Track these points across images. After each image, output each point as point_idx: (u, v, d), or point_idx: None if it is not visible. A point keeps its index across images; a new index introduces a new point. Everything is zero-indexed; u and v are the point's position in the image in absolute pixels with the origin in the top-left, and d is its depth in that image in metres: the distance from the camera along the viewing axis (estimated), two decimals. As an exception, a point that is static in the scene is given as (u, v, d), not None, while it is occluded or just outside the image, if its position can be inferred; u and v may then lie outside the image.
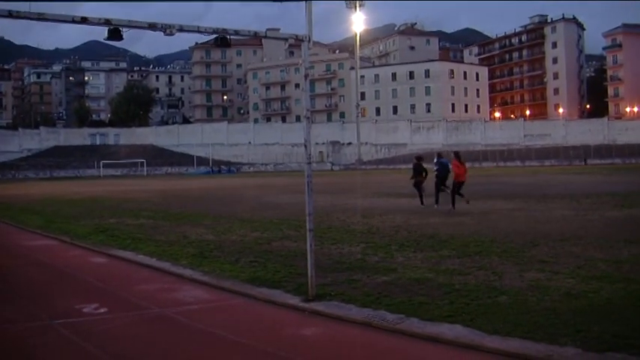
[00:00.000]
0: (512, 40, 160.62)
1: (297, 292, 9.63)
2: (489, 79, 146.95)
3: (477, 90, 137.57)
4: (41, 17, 7.92)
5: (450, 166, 23.73)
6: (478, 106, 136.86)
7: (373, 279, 10.39)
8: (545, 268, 10.74)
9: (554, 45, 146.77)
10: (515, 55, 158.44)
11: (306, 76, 9.59)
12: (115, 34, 8.31)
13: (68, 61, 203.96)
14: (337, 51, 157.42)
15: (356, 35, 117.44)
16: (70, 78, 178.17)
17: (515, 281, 9.77)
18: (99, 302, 9.49)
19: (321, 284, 9.73)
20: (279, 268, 11.72)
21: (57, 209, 29.00)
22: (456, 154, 23.80)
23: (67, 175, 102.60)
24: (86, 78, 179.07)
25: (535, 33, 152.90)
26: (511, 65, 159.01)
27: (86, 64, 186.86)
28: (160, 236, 17.12)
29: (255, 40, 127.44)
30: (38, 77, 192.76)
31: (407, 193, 33.37)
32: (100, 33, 8.41)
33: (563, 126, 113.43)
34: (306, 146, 9.52)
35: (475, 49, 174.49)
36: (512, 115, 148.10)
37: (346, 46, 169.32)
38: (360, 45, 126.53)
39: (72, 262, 13.91)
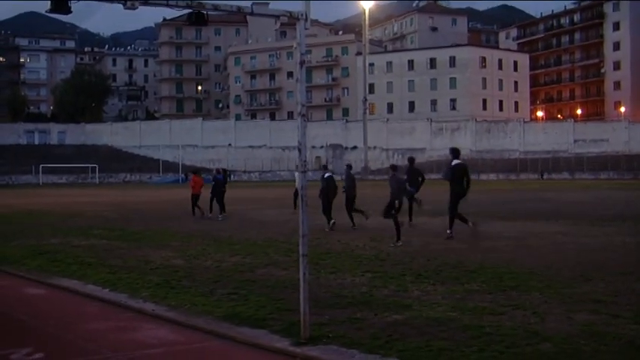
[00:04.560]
0: (562, 21, 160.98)
1: (287, 332, 9.63)
2: (531, 70, 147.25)
3: (515, 83, 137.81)
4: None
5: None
6: (516, 103, 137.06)
7: (382, 318, 10.40)
8: (601, 309, 10.73)
9: (616, 26, 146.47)
10: (565, 39, 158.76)
11: (301, 62, 9.60)
12: (62, 5, 8.30)
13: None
14: (340, 32, 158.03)
15: (364, 12, 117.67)
16: (1, 59, 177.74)
17: (562, 325, 9.77)
18: (33, 346, 9.42)
19: (316, 323, 9.74)
20: (265, 302, 11.71)
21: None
22: (195, 171, 34.58)
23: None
24: (22, 59, 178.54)
25: (591, 11, 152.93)
26: (559, 52, 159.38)
27: (22, 42, 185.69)
28: (116, 261, 17.12)
29: (239, 16, 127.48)
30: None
31: (426, 211, 33.42)
32: (42, 3, 8.41)
33: (626, 129, 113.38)
34: (300, 150, 9.53)
35: (514, 32, 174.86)
36: (559, 115, 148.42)
37: (351, 27, 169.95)
38: (370, 25, 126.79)
39: (-1, 293, 13.88)
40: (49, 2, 8.24)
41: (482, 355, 8.36)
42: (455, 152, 21.62)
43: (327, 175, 25.16)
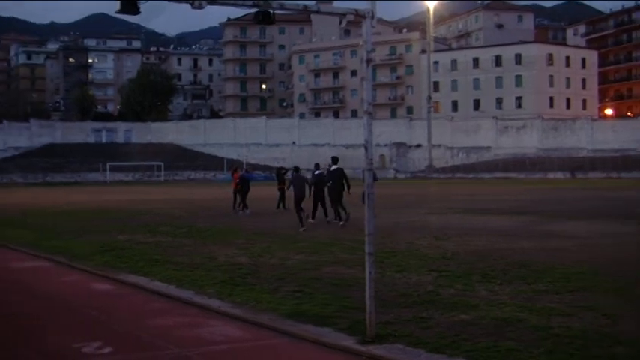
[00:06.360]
0: (633, 16, 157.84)
1: (352, 331, 9.65)
2: (600, 66, 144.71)
3: (583, 80, 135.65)
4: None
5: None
6: (584, 101, 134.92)
7: (448, 317, 10.36)
8: (677, 312, 10.53)
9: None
10: (637, 34, 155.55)
11: (368, 61, 9.57)
12: (131, 6, 8.40)
13: (67, 39, 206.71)
14: (404, 30, 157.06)
15: (428, 10, 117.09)
16: (70, 59, 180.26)
17: (635, 327, 9.60)
18: (102, 340, 9.62)
19: (382, 322, 9.73)
20: (330, 300, 11.76)
21: (51, 222, 29.57)
22: (234, 169, 38.28)
23: (65, 181, 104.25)
24: (90, 60, 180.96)
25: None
26: (629, 48, 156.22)
27: (90, 43, 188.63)
28: (181, 258, 17.35)
29: (303, 15, 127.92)
30: (29, 58, 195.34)
31: (491, 210, 33.17)
32: (109, 4, 8.51)
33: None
34: (366, 148, 9.52)
35: (582, 28, 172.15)
36: (629, 113, 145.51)
37: (416, 25, 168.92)
38: (434, 22, 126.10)
39: (69, 289, 14.14)
40: (118, 3, 8.34)
41: (552, 356, 8.26)
42: (334, 160, 27.14)
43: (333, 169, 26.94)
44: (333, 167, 26.71)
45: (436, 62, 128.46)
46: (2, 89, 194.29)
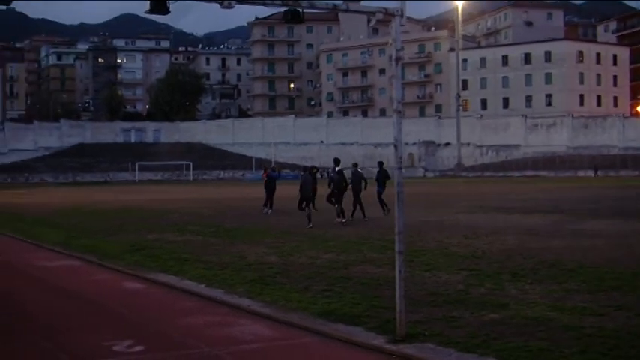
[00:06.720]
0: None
1: (382, 330, 9.65)
2: (631, 63, 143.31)
3: (614, 77, 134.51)
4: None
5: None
6: (615, 98, 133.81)
7: (479, 316, 10.33)
8: None
9: None
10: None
11: (397, 59, 9.55)
12: (160, 6, 8.45)
13: (96, 39, 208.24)
14: (433, 28, 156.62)
15: (457, 8, 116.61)
16: (99, 60, 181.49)
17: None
18: (133, 338, 9.71)
19: (412, 321, 9.73)
20: (360, 299, 11.75)
21: (81, 222, 29.79)
22: (265, 168, 38.59)
23: (94, 180, 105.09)
24: (119, 60, 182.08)
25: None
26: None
27: (119, 43, 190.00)
28: (211, 257, 17.40)
29: (331, 14, 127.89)
30: (59, 58, 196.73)
31: (520, 208, 32.99)
32: (138, 5, 8.59)
33: None
34: (396, 147, 9.52)
35: (613, 25, 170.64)
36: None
37: (444, 23, 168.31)
38: (462, 20, 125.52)
39: (100, 287, 14.26)
40: (148, 3, 8.39)
41: (584, 356, 8.21)
42: (336, 161, 28.31)
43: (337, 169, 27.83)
44: (337, 169, 27.52)
45: (465, 60, 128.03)
46: (33, 90, 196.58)
